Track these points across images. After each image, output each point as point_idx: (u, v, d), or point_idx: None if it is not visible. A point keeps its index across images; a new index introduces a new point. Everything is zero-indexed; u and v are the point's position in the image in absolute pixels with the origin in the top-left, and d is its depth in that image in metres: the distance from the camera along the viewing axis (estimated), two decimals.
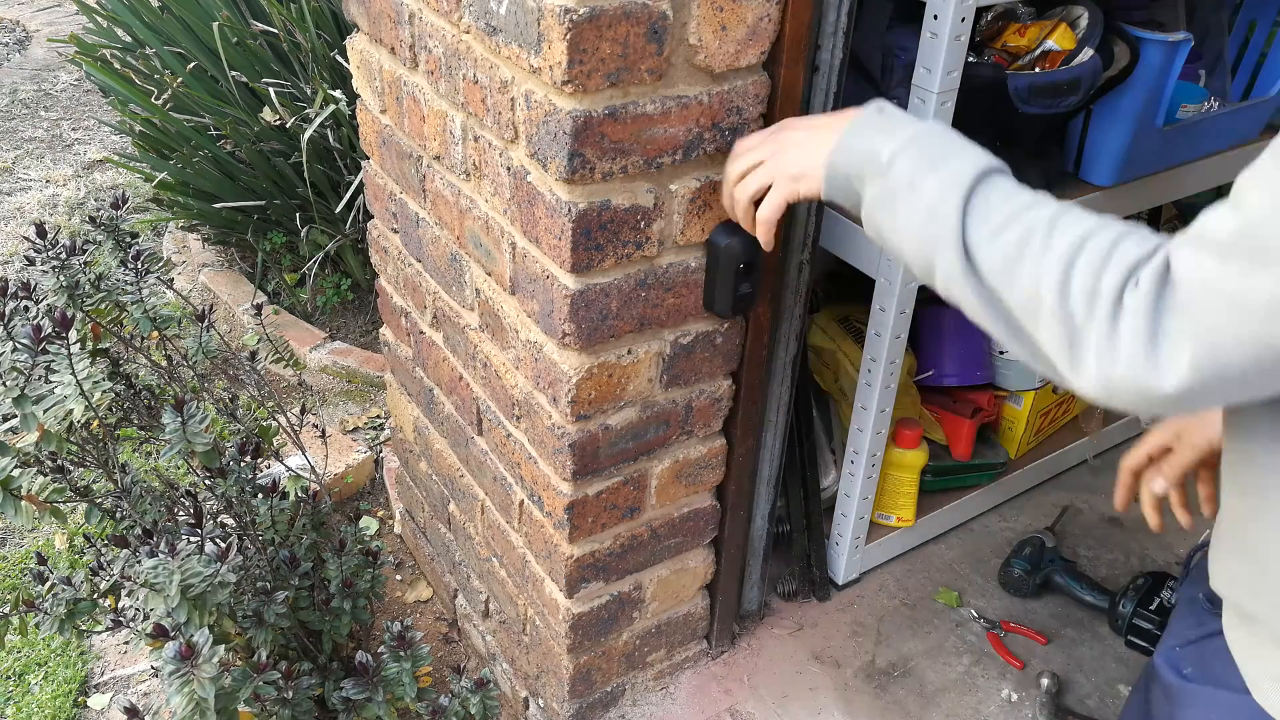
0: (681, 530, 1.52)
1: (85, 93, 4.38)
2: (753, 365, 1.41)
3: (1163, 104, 1.56)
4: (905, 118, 0.92)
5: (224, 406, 1.64)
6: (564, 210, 1.10)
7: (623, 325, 1.23)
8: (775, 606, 1.84)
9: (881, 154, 0.88)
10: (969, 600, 1.89)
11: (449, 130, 1.29)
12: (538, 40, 1.02)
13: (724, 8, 1.07)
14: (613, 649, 1.58)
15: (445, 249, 1.44)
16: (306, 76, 2.60)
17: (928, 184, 0.84)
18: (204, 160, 2.65)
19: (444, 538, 1.88)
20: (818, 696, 1.69)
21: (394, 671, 1.36)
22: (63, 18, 5.02)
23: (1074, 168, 1.66)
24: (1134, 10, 1.61)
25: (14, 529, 2.26)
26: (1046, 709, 1.66)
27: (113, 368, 1.56)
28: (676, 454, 1.42)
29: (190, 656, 1.14)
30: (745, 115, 1.17)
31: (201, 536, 1.28)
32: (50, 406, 1.28)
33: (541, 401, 1.31)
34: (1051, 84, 1.45)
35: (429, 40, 1.26)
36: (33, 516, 1.37)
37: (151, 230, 3.28)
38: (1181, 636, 0.94)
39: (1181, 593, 1.00)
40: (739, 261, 1.23)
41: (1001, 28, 1.55)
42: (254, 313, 2.62)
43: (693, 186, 1.18)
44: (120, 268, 1.48)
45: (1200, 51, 1.82)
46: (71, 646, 1.96)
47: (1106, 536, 2.05)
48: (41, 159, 3.87)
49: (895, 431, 1.79)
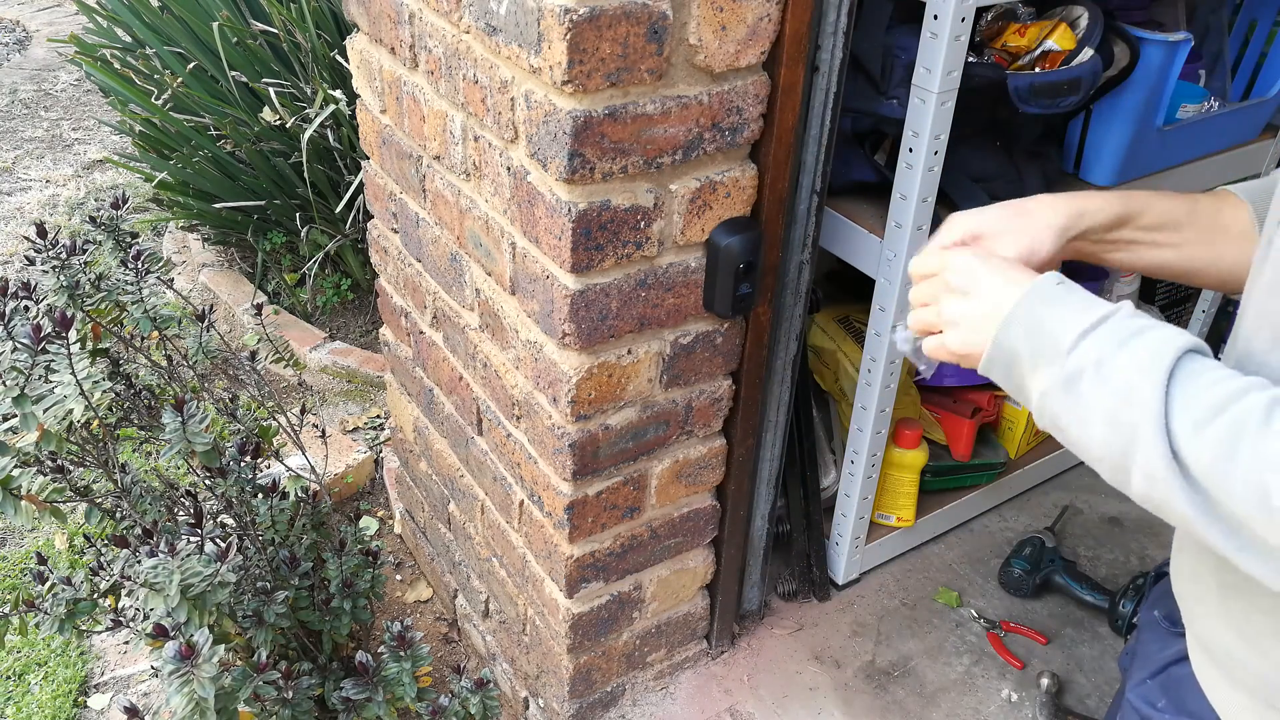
0: (681, 530, 1.52)
1: (85, 93, 4.38)
2: (753, 365, 1.41)
3: (1163, 104, 1.56)
4: (1088, 295, 0.77)
5: (224, 406, 1.64)
6: (564, 210, 1.10)
7: (623, 325, 1.23)
8: (775, 606, 1.84)
9: (1064, 336, 0.74)
10: (969, 600, 1.89)
11: (449, 130, 1.29)
12: (538, 40, 1.02)
13: (724, 8, 1.07)
14: (613, 649, 1.58)
15: (445, 249, 1.44)
16: (306, 76, 2.60)
17: (1119, 362, 0.70)
18: (204, 160, 2.65)
19: (444, 538, 1.88)
20: (818, 696, 1.69)
21: (394, 671, 1.36)
22: (63, 18, 5.02)
23: (1074, 168, 1.66)
24: (1134, 10, 1.61)
25: (14, 529, 2.26)
26: (1046, 709, 1.66)
27: (113, 368, 1.56)
28: (676, 454, 1.42)
29: (190, 656, 1.14)
30: (745, 115, 1.17)
31: (201, 536, 1.28)
32: (50, 406, 1.28)
33: (541, 401, 1.31)
34: (1051, 84, 1.45)
35: (429, 40, 1.26)
36: (33, 516, 1.37)
37: (151, 230, 3.28)
38: (1149, 665, 0.93)
39: (1142, 615, 0.98)
40: (739, 261, 1.23)
41: (1001, 28, 1.55)
42: (254, 313, 2.62)
43: (693, 186, 1.18)
44: (120, 268, 1.48)
45: (1200, 51, 1.82)
46: (71, 646, 1.96)
47: (1106, 536, 2.05)
48: (41, 159, 3.87)
49: (895, 431, 1.79)
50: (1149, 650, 0.94)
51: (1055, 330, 0.75)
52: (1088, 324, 0.73)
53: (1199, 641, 0.84)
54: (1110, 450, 0.70)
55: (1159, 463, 0.66)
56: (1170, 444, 0.66)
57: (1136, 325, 0.72)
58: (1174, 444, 0.66)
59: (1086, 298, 0.77)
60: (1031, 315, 0.77)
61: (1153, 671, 0.92)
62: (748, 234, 1.23)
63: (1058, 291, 0.78)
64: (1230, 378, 0.67)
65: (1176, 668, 0.88)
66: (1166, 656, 0.90)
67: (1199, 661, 0.84)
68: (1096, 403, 0.71)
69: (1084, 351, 0.72)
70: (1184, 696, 0.86)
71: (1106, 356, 0.71)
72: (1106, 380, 0.70)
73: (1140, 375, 0.69)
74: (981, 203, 1.60)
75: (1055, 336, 0.75)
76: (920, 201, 1.41)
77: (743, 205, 1.24)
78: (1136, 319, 0.73)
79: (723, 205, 1.22)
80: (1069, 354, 0.73)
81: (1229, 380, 0.67)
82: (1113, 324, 0.73)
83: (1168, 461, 0.66)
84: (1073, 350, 0.73)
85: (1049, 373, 0.74)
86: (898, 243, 1.46)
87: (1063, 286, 0.78)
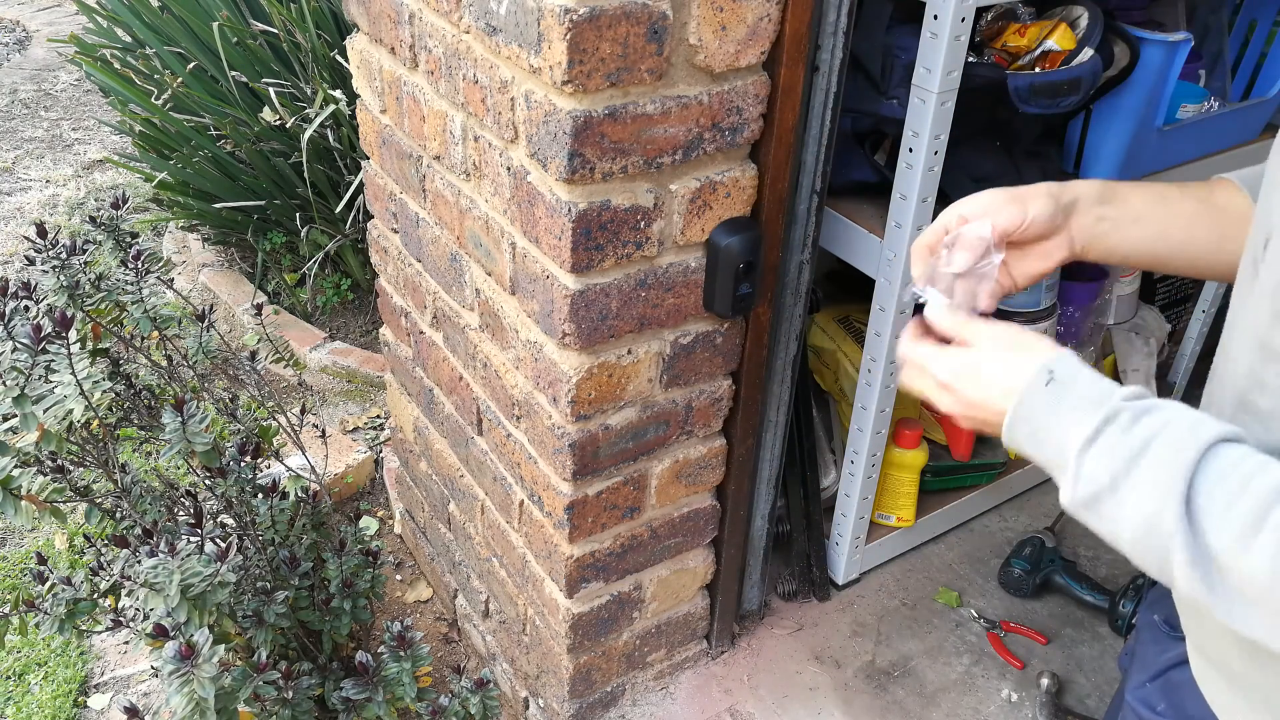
0: (681, 530, 1.52)
1: (85, 93, 4.38)
2: (753, 365, 1.41)
3: (1163, 104, 1.56)
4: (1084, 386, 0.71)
5: (224, 406, 1.64)
6: (564, 210, 1.10)
7: (623, 325, 1.23)
8: (775, 606, 1.84)
9: (1066, 452, 0.69)
10: (969, 600, 1.89)
11: (449, 130, 1.29)
12: (538, 40, 1.02)
13: (724, 8, 1.07)
14: (613, 649, 1.58)
15: (445, 249, 1.44)
16: (306, 76, 2.60)
17: (1134, 484, 0.65)
18: (204, 160, 2.65)
19: (444, 538, 1.88)
20: (818, 696, 1.69)
21: (394, 671, 1.36)
22: (63, 18, 5.02)
23: (1074, 168, 1.66)
24: (1134, 10, 1.61)
25: (14, 529, 2.26)
26: (1046, 709, 1.66)
27: (113, 368, 1.56)
28: (676, 454, 1.42)
29: (190, 656, 1.14)
30: (745, 115, 1.17)
31: (201, 536, 1.28)
32: (50, 406, 1.28)
33: (541, 401, 1.31)
34: (1051, 84, 1.45)
35: (429, 40, 1.26)
36: (33, 516, 1.37)
37: (151, 230, 3.28)
38: (1148, 668, 0.92)
39: (1141, 617, 0.98)
40: (739, 261, 1.23)
41: (1001, 28, 1.55)
42: (254, 313, 2.62)
43: (693, 186, 1.18)
44: (120, 268, 1.48)
45: (1200, 51, 1.82)
46: (71, 646, 1.96)
47: None
48: (41, 159, 3.87)
49: (895, 431, 1.79)
50: (1148, 653, 0.93)
51: (1058, 444, 0.70)
52: (1085, 437, 0.68)
53: (1199, 650, 0.83)
54: (1146, 567, 0.67)
55: (1199, 588, 0.62)
56: (1209, 567, 0.62)
57: (1141, 434, 0.66)
58: (1219, 561, 0.61)
59: (1077, 397, 0.70)
60: (1030, 424, 0.73)
61: (1152, 675, 0.91)
62: (748, 234, 1.23)
63: (1049, 396, 0.72)
64: (1261, 470, 0.61)
65: (1176, 671, 0.88)
66: (1166, 660, 0.90)
67: (1199, 666, 0.84)
68: (1121, 525, 0.67)
69: (1092, 473, 0.68)
70: (1184, 700, 0.86)
71: (1119, 477, 0.66)
72: (1124, 503, 0.66)
73: (1158, 502, 0.63)
74: None
75: (1059, 451, 0.70)
76: (920, 201, 1.41)
77: (743, 205, 1.24)
78: (1135, 425, 0.67)
79: (723, 205, 1.22)
80: (1078, 476, 0.68)
81: (1261, 476, 0.61)
82: (1114, 433, 0.67)
83: (1209, 585, 0.62)
84: (1079, 472, 0.68)
85: (1063, 486, 0.71)
86: (898, 243, 1.46)
87: (1053, 387, 0.72)
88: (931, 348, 0.82)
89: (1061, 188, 0.88)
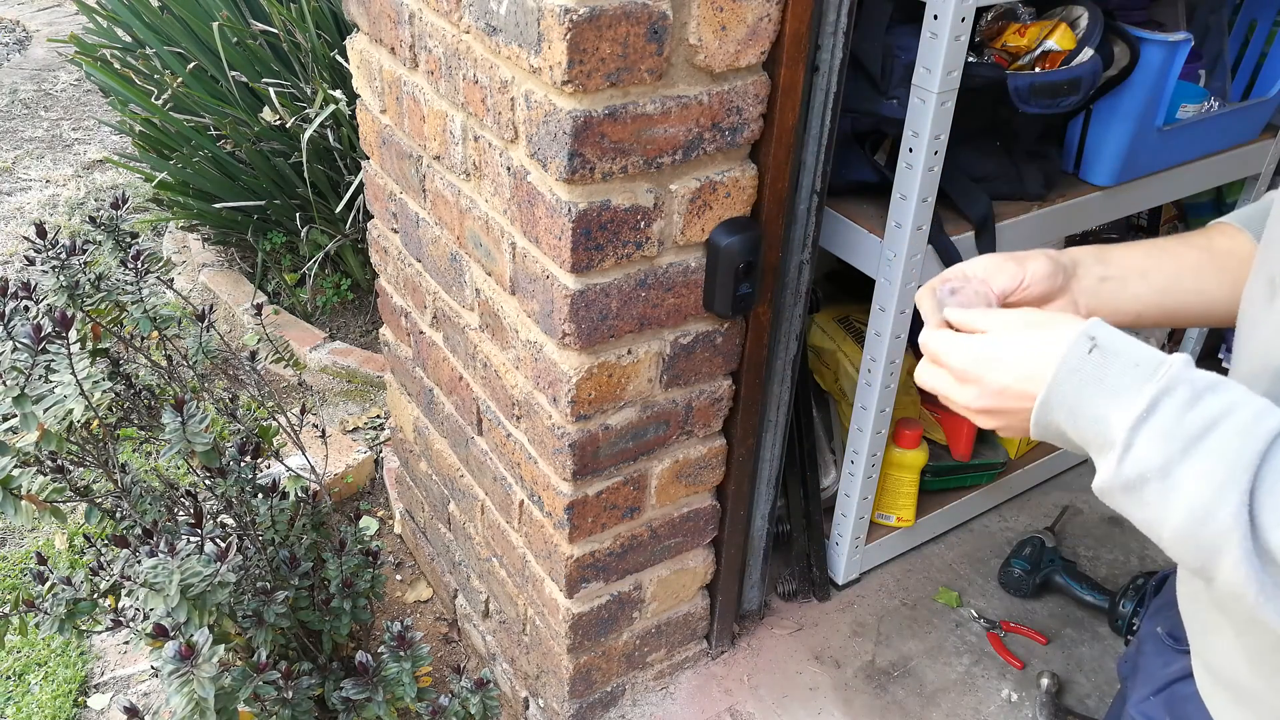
0: (681, 530, 1.52)
1: (85, 93, 4.38)
2: (753, 365, 1.41)
3: (1163, 104, 1.56)
4: (1129, 357, 0.65)
5: (224, 406, 1.64)
6: (564, 210, 1.10)
7: (623, 325, 1.23)
8: (775, 606, 1.84)
9: (1114, 429, 0.63)
10: (969, 600, 1.89)
11: (449, 130, 1.29)
12: (538, 40, 1.02)
13: (724, 8, 1.07)
14: (613, 649, 1.58)
15: (445, 249, 1.44)
16: (306, 76, 2.60)
17: (1188, 472, 0.60)
18: (204, 160, 2.65)
19: (444, 538, 1.88)
20: (817, 696, 1.69)
21: (394, 671, 1.36)
22: (63, 18, 5.02)
23: (1074, 167, 1.66)
24: (1134, 10, 1.61)
25: (14, 529, 2.26)
26: (1046, 709, 1.66)
27: (113, 368, 1.56)
28: (676, 454, 1.42)
29: (190, 656, 1.14)
30: (745, 115, 1.17)
31: (201, 536, 1.28)
32: (50, 406, 1.28)
33: (541, 401, 1.31)
34: (1051, 84, 1.45)
35: (429, 40, 1.26)
36: (33, 516, 1.37)
37: (151, 230, 3.28)
38: (1152, 681, 0.91)
39: (1143, 628, 0.96)
40: (739, 261, 1.23)
41: (1001, 28, 1.55)
42: (254, 313, 2.62)
43: (693, 186, 1.18)
44: (120, 268, 1.48)
45: (1200, 51, 1.82)
46: (71, 646, 1.96)
47: (1106, 536, 2.05)
48: (41, 159, 3.87)
49: (895, 431, 1.79)
50: (1151, 666, 0.92)
51: (1102, 418, 0.64)
52: (1138, 413, 0.62)
53: (1206, 667, 0.82)
54: (1185, 559, 0.62)
55: (1249, 587, 0.58)
56: (1268, 567, 0.58)
57: (1202, 417, 0.60)
58: (1269, 555, 0.58)
59: (1126, 365, 0.65)
60: (1069, 398, 0.66)
61: (1156, 689, 0.90)
62: (748, 234, 1.23)
63: (1093, 365, 0.66)
64: None
65: (1180, 685, 0.87)
66: (1169, 674, 0.89)
67: (1204, 681, 0.83)
68: (1168, 513, 0.61)
69: (1142, 455, 0.62)
70: (1188, 714, 0.85)
71: (1173, 462, 0.60)
72: (1175, 489, 0.60)
73: (1214, 493, 0.58)
74: (982, 203, 1.60)
75: (1103, 427, 0.64)
76: (920, 201, 1.41)
77: (743, 205, 1.24)
78: (1197, 403, 0.61)
79: (723, 205, 1.22)
80: (1124, 455, 0.62)
81: None
82: (1169, 411, 0.61)
83: (1260, 585, 0.58)
84: (1128, 450, 0.62)
85: (1103, 466, 0.64)
86: (898, 243, 1.46)
87: (1096, 354, 0.66)
88: (949, 334, 0.78)
89: (1059, 251, 0.86)
